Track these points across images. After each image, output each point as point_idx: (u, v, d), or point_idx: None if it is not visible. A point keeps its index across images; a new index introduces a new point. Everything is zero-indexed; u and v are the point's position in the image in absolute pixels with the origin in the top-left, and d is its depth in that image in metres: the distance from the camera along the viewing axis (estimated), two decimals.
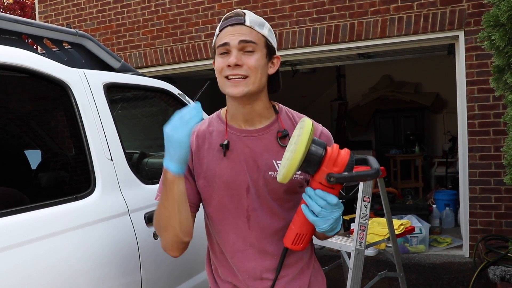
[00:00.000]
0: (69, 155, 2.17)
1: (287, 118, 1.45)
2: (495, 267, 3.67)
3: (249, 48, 1.32)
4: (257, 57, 1.33)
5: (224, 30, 1.35)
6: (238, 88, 1.32)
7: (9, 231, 1.48)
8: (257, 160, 1.38)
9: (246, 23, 1.34)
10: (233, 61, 1.30)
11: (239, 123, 1.43)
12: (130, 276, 1.88)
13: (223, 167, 1.39)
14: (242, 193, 1.38)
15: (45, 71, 1.80)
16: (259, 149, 1.39)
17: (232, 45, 1.32)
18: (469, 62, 4.55)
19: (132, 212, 1.96)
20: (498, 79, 3.10)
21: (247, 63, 1.32)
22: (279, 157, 1.37)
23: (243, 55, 1.32)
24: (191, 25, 5.80)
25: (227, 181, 1.38)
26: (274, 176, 1.36)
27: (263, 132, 1.41)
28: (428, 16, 4.68)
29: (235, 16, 1.36)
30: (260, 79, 1.34)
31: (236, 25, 1.34)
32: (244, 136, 1.41)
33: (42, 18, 6.73)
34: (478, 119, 4.55)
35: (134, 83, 2.42)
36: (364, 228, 2.78)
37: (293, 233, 1.29)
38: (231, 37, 1.32)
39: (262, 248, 1.40)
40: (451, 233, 5.53)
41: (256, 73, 1.32)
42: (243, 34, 1.32)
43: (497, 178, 4.48)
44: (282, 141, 1.39)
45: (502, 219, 4.51)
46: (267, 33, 1.37)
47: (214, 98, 2.83)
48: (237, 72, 1.31)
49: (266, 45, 1.36)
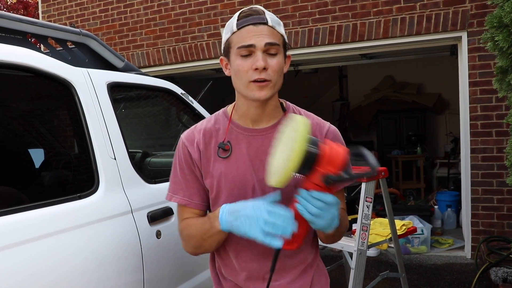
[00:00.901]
0: (73, 154, 2.17)
1: None
2: (497, 269, 3.67)
3: (273, 50, 1.29)
4: (280, 59, 1.30)
5: (245, 29, 1.29)
6: (263, 92, 1.29)
7: (13, 230, 1.48)
8: (263, 160, 1.36)
9: (268, 23, 1.29)
10: (261, 64, 1.26)
11: (247, 122, 1.41)
12: (132, 275, 1.89)
13: (229, 166, 1.38)
14: (247, 192, 1.37)
15: (49, 70, 1.80)
16: (265, 148, 1.37)
17: (258, 46, 1.27)
18: (472, 63, 4.55)
19: (135, 211, 1.97)
20: (501, 80, 3.09)
21: (272, 66, 1.28)
22: None
23: (267, 57, 1.28)
24: (194, 25, 5.80)
25: (233, 181, 1.37)
26: None
27: (270, 131, 1.39)
28: (431, 17, 4.67)
29: (256, 15, 1.30)
30: (280, 81, 1.33)
31: (259, 25, 1.28)
32: (251, 135, 1.40)
33: (45, 18, 6.74)
34: (481, 120, 4.54)
35: (137, 82, 2.43)
36: (366, 228, 2.79)
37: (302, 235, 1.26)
38: (256, 38, 1.27)
39: (266, 248, 1.37)
40: (453, 234, 5.53)
41: (279, 76, 1.31)
42: (268, 36, 1.28)
43: (499, 179, 4.48)
44: None
45: (504, 220, 4.50)
46: (283, 32, 1.35)
47: (216, 98, 2.84)
48: (263, 76, 1.27)
49: (283, 45, 1.34)
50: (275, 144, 1.23)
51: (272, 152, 1.23)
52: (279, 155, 1.18)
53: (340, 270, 3.73)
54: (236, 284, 1.45)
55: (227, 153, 1.39)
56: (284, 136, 1.19)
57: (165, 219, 2.10)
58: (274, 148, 1.22)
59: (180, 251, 2.11)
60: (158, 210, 2.07)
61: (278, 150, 1.19)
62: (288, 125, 1.20)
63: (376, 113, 9.32)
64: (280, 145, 1.19)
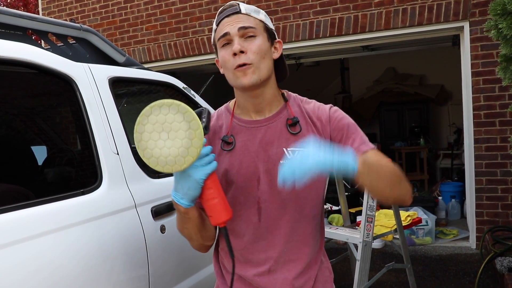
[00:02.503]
0: (75, 149, 2.17)
1: (295, 104, 1.44)
2: (503, 258, 3.66)
3: (250, 33, 1.31)
4: (259, 42, 1.31)
5: (221, 23, 1.35)
6: (248, 77, 1.30)
7: (17, 226, 1.48)
8: (268, 150, 1.37)
9: (242, 11, 1.34)
10: (237, 48, 1.29)
11: (250, 113, 1.42)
12: (137, 270, 1.89)
13: (233, 161, 1.38)
14: (253, 185, 1.37)
15: (50, 65, 1.80)
16: (269, 138, 1.38)
17: (232, 33, 1.31)
18: (474, 52, 4.52)
19: (138, 206, 1.96)
20: (506, 68, 3.07)
21: (250, 48, 1.30)
22: (289, 144, 1.36)
23: (245, 41, 1.31)
24: (195, 19, 5.78)
25: (237, 174, 1.37)
26: None
27: (272, 120, 1.40)
28: (433, 7, 4.64)
29: (230, 7, 1.36)
30: (266, 64, 1.33)
31: (232, 15, 1.33)
32: (253, 127, 1.40)
33: (45, 14, 6.73)
34: (484, 110, 4.52)
35: (139, 77, 2.42)
36: (371, 219, 2.78)
37: (221, 204, 1.26)
38: (230, 26, 1.32)
39: (272, 240, 1.39)
40: (457, 224, 5.52)
41: (260, 57, 1.31)
42: (241, 21, 1.32)
43: (503, 169, 4.46)
44: (292, 128, 1.38)
45: (508, 210, 4.49)
46: (264, 18, 1.37)
47: (218, 93, 2.83)
48: (242, 60, 1.29)
49: (265, 29, 1.35)
50: (159, 132, 1.18)
51: (161, 140, 1.18)
52: (179, 140, 1.16)
53: (345, 262, 3.73)
54: (240, 276, 1.45)
55: (230, 145, 1.39)
56: (171, 122, 1.17)
57: (169, 214, 2.09)
58: (162, 135, 1.18)
59: (185, 245, 2.11)
60: (162, 204, 2.07)
61: (174, 136, 1.16)
62: (163, 112, 1.17)
63: (378, 105, 9.29)
64: (174, 130, 1.17)
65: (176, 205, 1.28)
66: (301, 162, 1.14)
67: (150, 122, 1.17)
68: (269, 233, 1.39)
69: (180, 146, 1.16)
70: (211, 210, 1.26)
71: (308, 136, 1.36)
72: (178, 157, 1.16)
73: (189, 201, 1.25)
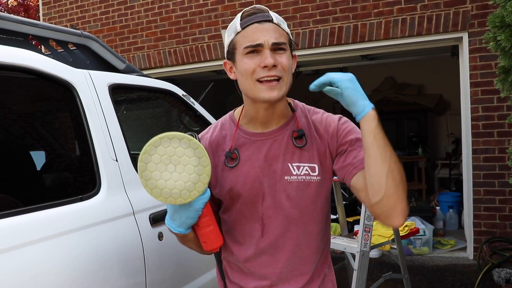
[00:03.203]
0: (74, 155, 2.17)
1: (302, 115, 1.38)
2: (500, 269, 3.66)
3: (281, 50, 1.25)
4: (288, 57, 1.26)
5: (250, 28, 1.24)
6: (273, 92, 1.24)
7: (15, 232, 1.48)
8: (273, 165, 1.32)
9: (273, 21, 1.25)
10: (271, 62, 1.21)
11: (257, 126, 1.36)
12: (135, 277, 1.88)
13: (237, 176, 1.34)
14: (257, 200, 1.34)
15: (50, 72, 1.80)
16: (274, 152, 1.33)
17: (265, 45, 1.22)
18: (473, 63, 4.54)
19: (137, 213, 1.96)
20: (504, 80, 3.09)
21: (281, 63, 1.23)
22: (294, 159, 1.32)
23: (275, 54, 1.23)
24: (195, 26, 5.80)
25: (242, 190, 1.33)
26: (290, 180, 1.31)
27: (278, 133, 1.35)
28: (432, 18, 4.67)
29: (260, 13, 1.26)
30: (290, 79, 1.28)
31: (265, 23, 1.24)
32: (259, 140, 1.35)
33: (46, 20, 6.74)
34: (482, 120, 4.54)
35: (138, 84, 2.42)
36: (368, 229, 2.78)
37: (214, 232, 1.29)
38: (263, 37, 1.22)
39: (275, 257, 1.36)
40: (455, 235, 5.52)
41: (289, 73, 1.26)
42: (274, 34, 1.24)
43: (501, 180, 4.47)
44: (298, 141, 1.33)
45: (506, 221, 4.49)
46: (289, 31, 1.31)
47: (217, 100, 2.84)
48: (273, 73, 1.22)
49: (290, 43, 1.29)
50: (166, 164, 1.18)
51: (168, 172, 1.18)
52: (187, 174, 1.17)
53: (342, 271, 3.72)
54: (242, 286, 1.43)
55: (234, 161, 1.34)
56: (181, 156, 1.17)
57: None
58: (169, 168, 1.18)
59: (182, 253, 2.11)
60: (160, 212, 2.06)
61: (182, 170, 1.17)
62: (174, 144, 1.18)
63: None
64: (182, 164, 1.17)
65: (173, 232, 1.30)
66: None
67: (158, 153, 1.17)
68: (272, 249, 1.36)
69: (187, 180, 1.16)
70: (206, 237, 1.27)
71: (310, 151, 1.33)
72: (184, 191, 1.17)
73: (185, 229, 1.26)
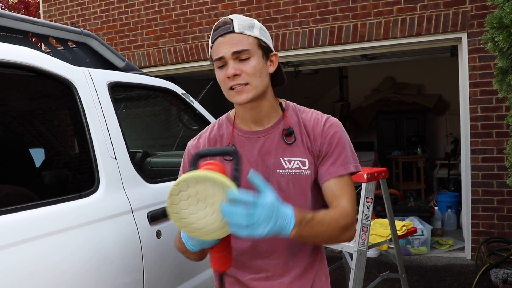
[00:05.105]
0: (73, 153, 2.18)
1: (293, 114, 1.46)
2: (497, 270, 3.67)
3: (244, 56, 1.32)
4: (254, 63, 1.33)
5: (216, 42, 1.35)
6: (242, 96, 1.34)
7: (14, 228, 1.48)
8: (266, 160, 1.41)
9: (235, 30, 1.33)
10: (231, 72, 1.32)
11: (249, 124, 1.45)
12: (132, 274, 1.89)
13: None
14: None
15: (50, 69, 1.81)
16: (267, 148, 1.42)
17: (226, 57, 1.32)
18: (472, 64, 4.55)
19: (135, 211, 1.97)
20: (502, 80, 3.10)
21: (245, 71, 1.33)
22: (285, 154, 1.40)
23: (240, 63, 1.33)
24: (195, 25, 5.81)
25: None
26: (282, 174, 1.39)
27: (270, 131, 1.43)
28: (431, 18, 4.68)
29: (223, 26, 1.35)
30: (261, 82, 1.36)
31: (226, 35, 1.33)
32: (253, 138, 1.44)
33: (46, 17, 6.75)
34: (481, 121, 4.55)
35: (138, 82, 2.43)
36: (366, 229, 2.79)
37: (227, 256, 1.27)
38: (224, 49, 1.33)
39: (270, 248, 1.41)
40: (453, 235, 5.53)
41: (255, 77, 1.34)
42: (235, 44, 1.32)
43: (499, 180, 4.48)
44: (288, 138, 1.41)
45: (504, 221, 4.50)
46: (259, 34, 1.37)
47: (217, 98, 2.85)
48: (237, 81, 1.33)
49: (259, 47, 1.36)
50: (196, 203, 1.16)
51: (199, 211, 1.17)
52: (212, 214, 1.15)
53: (340, 270, 3.73)
54: (238, 279, 1.46)
55: (230, 158, 1.40)
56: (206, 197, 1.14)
57: (165, 219, 2.09)
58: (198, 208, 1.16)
59: None
60: (158, 210, 2.07)
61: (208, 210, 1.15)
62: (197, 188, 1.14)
63: (376, 114, 9.33)
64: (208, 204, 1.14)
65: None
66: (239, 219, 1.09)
67: (189, 194, 1.14)
68: (266, 241, 1.39)
69: (213, 222, 1.14)
70: (216, 260, 1.26)
71: (300, 146, 1.40)
72: (208, 230, 1.15)
73: (198, 249, 1.28)
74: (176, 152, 3.20)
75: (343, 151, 1.41)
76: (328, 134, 1.42)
